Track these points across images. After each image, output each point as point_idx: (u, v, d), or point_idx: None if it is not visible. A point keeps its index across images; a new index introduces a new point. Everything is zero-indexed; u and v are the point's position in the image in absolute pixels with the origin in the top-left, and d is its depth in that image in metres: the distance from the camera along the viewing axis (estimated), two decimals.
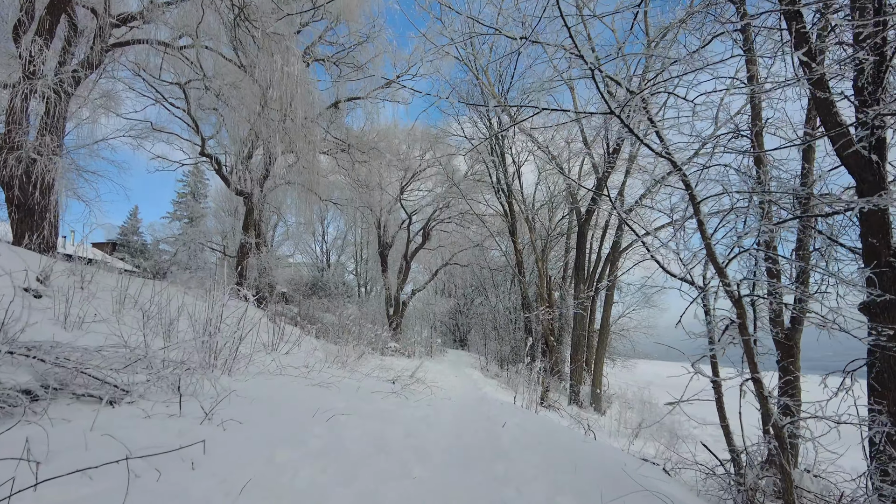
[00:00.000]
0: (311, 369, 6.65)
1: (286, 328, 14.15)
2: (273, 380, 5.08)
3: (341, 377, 6.18)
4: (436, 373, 11.95)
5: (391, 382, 7.28)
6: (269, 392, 4.28)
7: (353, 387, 5.42)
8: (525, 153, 19.15)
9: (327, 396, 4.61)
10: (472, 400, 7.47)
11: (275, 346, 9.78)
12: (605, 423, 10.38)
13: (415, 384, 7.60)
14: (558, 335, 17.29)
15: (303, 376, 5.62)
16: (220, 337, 5.76)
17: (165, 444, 2.32)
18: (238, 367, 5.41)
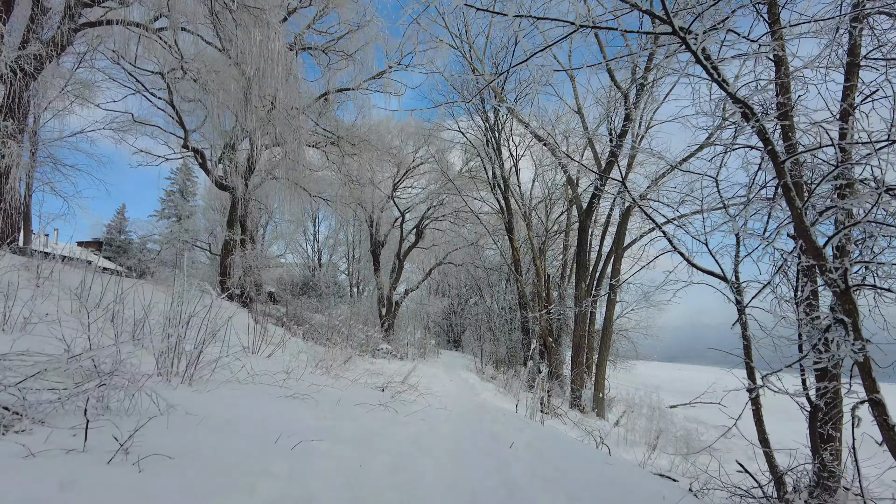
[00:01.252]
0: (290, 376, 5.94)
1: (271, 329, 13.43)
2: (240, 390, 4.35)
3: (323, 385, 5.46)
4: (430, 377, 11.24)
5: (380, 390, 6.57)
6: (230, 407, 3.56)
7: (334, 398, 4.70)
8: (523, 147, 18.49)
9: (301, 412, 3.90)
10: (471, 409, 6.78)
11: (255, 348, 9.07)
12: (612, 431, 9.72)
13: (407, 391, 6.90)
14: (557, 336, 16.62)
15: (278, 385, 4.90)
16: (187, 338, 5.06)
17: None
18: (202, 374, 4.68)
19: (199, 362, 4.71)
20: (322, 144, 17.05)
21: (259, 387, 4.74)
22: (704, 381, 25.34)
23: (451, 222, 26.17)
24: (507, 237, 19.60)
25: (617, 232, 13.52)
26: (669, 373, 33.85)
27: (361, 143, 15.89)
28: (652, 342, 23.06)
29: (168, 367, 4.48)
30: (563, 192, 19.55)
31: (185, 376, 4.49)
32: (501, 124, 17.66)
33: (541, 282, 16.58)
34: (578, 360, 12.77)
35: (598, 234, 16.73)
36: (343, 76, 16.77)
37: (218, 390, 4.24)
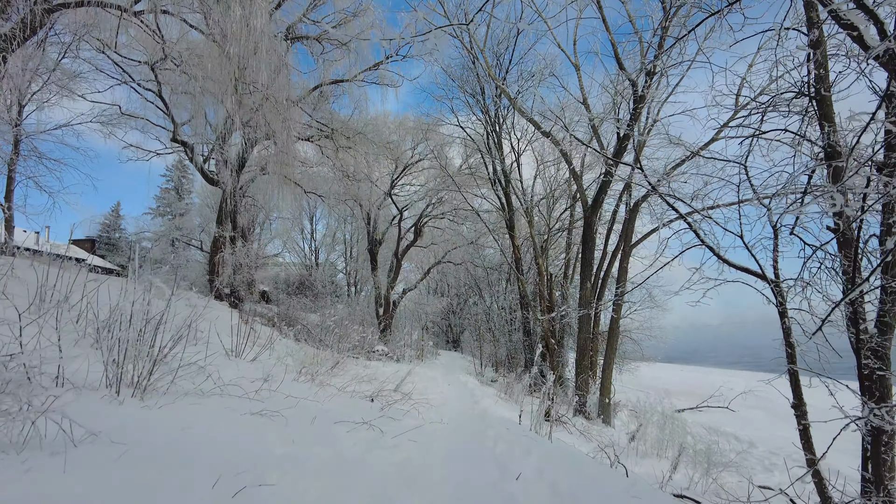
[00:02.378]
0: (268, 384, 5.31)
1: (260, 330, 12.80)
2: (200, 405, 3.72)
3: (302, 397, 4.82)
4: (426, 381, 10.60)
5: (369, 400, 5.93)
6: (176, 430, 2.93)
7: (311, 413, 4.06)
8: (524, 142, 17.85)
9: (266, 434, 3.26)
10: (471, 421, 6.15)
11: (239, 351, 8.44)
12: (622, 440, 9.08)
13: (399, 401, 6.26)
14: (560, 338, 15.98)
15: (248, 397, 4.26)
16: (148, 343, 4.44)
17: None
18: (159, 385, 4.04)
19: (157, 370, 4.08)
20: (316, 138, 16.41)
21: (226, 399, 4.11)
22: (709, 383, 24.81)
23: (450, 220, 25.59)
24: (507, 235, 18.97)
25: (624, 229, 12.88)
26: (672, 374, 33.25)
27: (357, 137, 15.24)
28: (655, 343, 22.51)
29: (118, 377, 3.85)
30: (565, 188, 18.92)
31: (137, 388, 3.86)
32: (503, 117, 17.04)
33: (543, 281, 15.93)
34: (583, 363, 12.13)
35: (603, 233, 16.09)
36: (339, 68, 16.14)
37: (173, 405, 3.61)
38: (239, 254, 15.33)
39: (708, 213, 4.46)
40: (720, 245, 4.44)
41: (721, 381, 29.94)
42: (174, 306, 7.81)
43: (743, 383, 23.37)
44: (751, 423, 14.89)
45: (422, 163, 24.59)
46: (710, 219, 4.46)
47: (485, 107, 17.00)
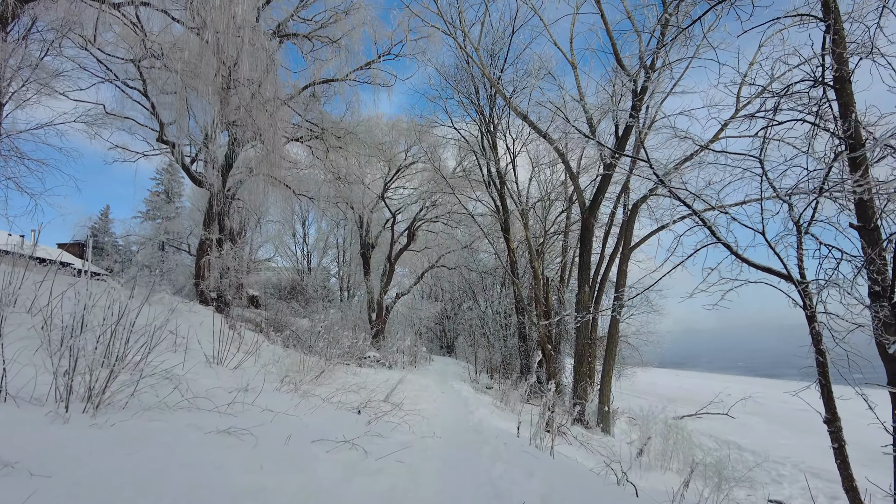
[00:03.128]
0: (244, 396, 4.87)
1: (246, 336, 12.33)
2: (161, 422, 3.28)
3: (281, 410, 4.38)
4: (419, 389, 10.16)
5: (356, 412, 5.49)
6: (120, 454, 2.50)
7: (287, 431, 3.62)
8: (519, 143, 17.48)
9: (230, 458, 2.84)
10: (465, 434, 5.72)
11: (221, 359, 7.99)
12: (623, 450, 8.67)
13: (389, 413, 5.83)
14: (556, 343, 15.58)
15: (218, 411, 3.83)
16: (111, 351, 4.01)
17: None
18: (118, 398, 3.60)
19: (116, 382, 3.64)
20: (306, 138, 15.99)
21: (193, 414, 3.67)
22: (706, 389, 24.44)
23: (444, 223, 25.22)
24: (502, 238, 18.58)
25: (623, 231, 12.51)
26: (668, 380, 32.93)
27: (347, 136, 14.83)
28: (652, 348, 22.20)
29: (67, 390, 3.41)
30: (561, 190, 18.58)
31: (90, 403, 3.42)
32: (498, 118, 16.68)
33: (539, 285, 15.54)
34: (582, 370, 11.72)
35: (600, 236, 15.72)
36: (330, 68, 15.75)
37: (128, 423, 3.17)
38: (226, 257, 14.83)
39: (726, 208, 4.08)
40: (738, 243, 4.06)
41: (718, 386, 29.61)
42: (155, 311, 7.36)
43: (741, 389, 23.08)
44: (752, 431, 14.54)
45: (415, 165, 24.23)
46: (727, 214, 4.08)
47: (479, 107, 16.65)
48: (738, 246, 4.05)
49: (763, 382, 30.88)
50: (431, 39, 15.98)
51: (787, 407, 20.74)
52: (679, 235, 4.49)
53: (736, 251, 4.04)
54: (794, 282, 3.76)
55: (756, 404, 18.52)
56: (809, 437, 14.03)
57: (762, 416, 17.74)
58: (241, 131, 13.58)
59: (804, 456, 11.29)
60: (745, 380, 33.31)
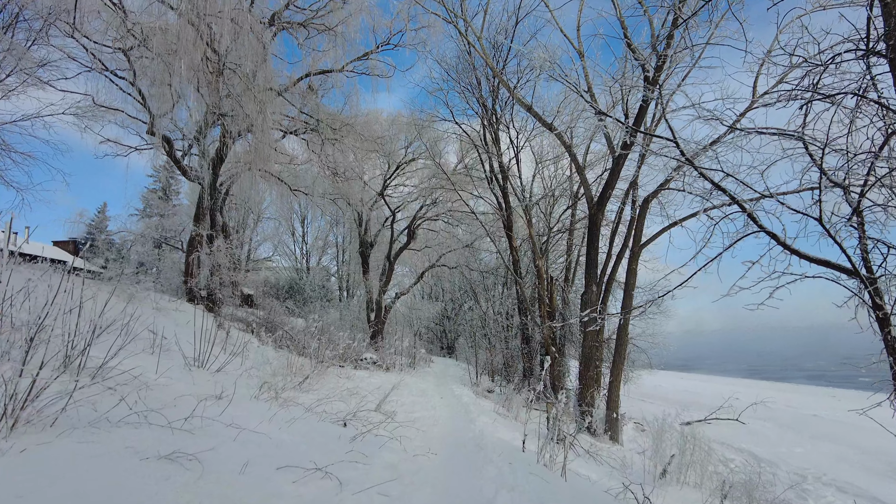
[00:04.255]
0: (215, 404, 4.27)
1: (236, 336, 11.73)
2: (89, 444, 2.67)
3: (249, 426, 3.77)
4: (416, 395, 9.54)
5: (341, 424, 4.86)
6: (8, 496, 1.88)
7: (247, 453, 3.01)
8: (523, 138, 16.85)
9: (161, 495, 2.23)
10: (465, 449, 5.10)
11: (203, 361, 7.41)
12: (635, 462, 8.05)
13: (380, 424, 5.21)
14: (561, 345, 14.94)
15: (172, 427, 3.21)
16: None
17: None
18: (48, 413, 2.99)
19: (44, 394, 3.03)
20: (302, 131, 15.39)
21: (137, 433, 3.06)
22: (712, 392, 23.75)
23: (444, 222, 24.65)
24: (504, 237, 17.97)
25: (630, 227, 11.85)
26: (673, 383, 32.27)
27: (344, 128, 14.20)
28: (659, 350, 21.59)
29: None
30: (566, 187, 17.94)
31: (8, 419, 2.81)
32: (501, 111, 16.05)
33: (543, 285, 14.90)
34: (589, 374, 11.06)
35: (606, 234, 15.08)
36: (328, 61, 15.15)
37: (48, 446, 2.56)
38: (217, 253, 14.22)
39: (774, 194, 3.47)
40: (785, 232, 3.44)
41: (724, 390, 28.95)
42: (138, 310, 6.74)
43: (748, 393, 22.46)
44: (764, 438, 13.90)
45: (415, 162, 23.66)
46: (774, 199, 3.45)
47: (481, 99, 16.01)
48: (785, 236, 3.43)
49: (771, 386, 30.25)
50: (432, 30, 15.39)
51: (796, 412, 20.12)
52: (715, 223, 3.87)
53: (784, 241, 3.43)
54: (862, 278, 3.14)
55: (765, 409, 17.88)
56: (824, 445, 13.40)
57: (772, 421, 17.10)
58: (231, 122, 12.99)
59: (823, 466, 10.67)
60: (752, 383, 32.63)
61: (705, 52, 7.31)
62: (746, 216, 3.70)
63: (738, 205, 3.69)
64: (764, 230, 3.53)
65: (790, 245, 3.41)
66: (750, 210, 3.61)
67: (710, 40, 6.43)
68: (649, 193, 11.62)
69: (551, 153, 19.02)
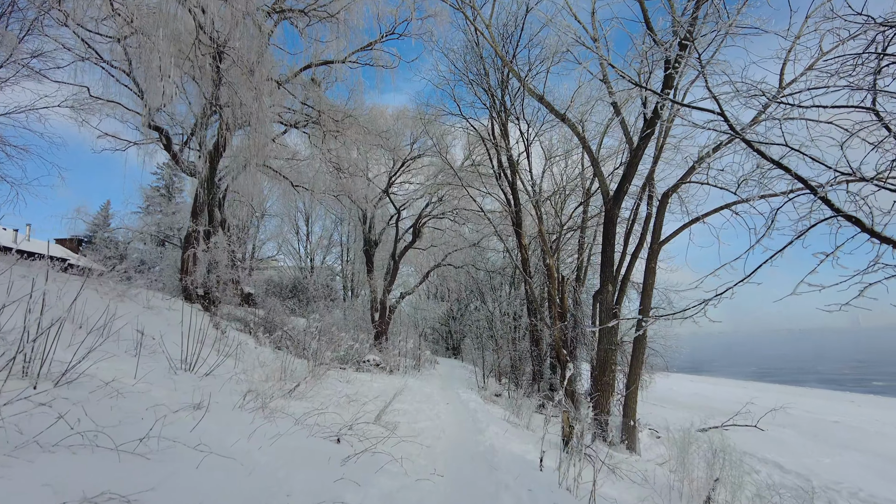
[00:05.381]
0: (189, 416, 3.70)
1: (234, 337, 11.19)
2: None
3: (219, 449, 3.16)
4: (420, 400, 8.93)
5: (334, 440, 4.25)
6: None
7: (201, 489, 2.41)
8: (532, 131, 16.20)
9: None
10: (475, 466, 4.49)
11: (191, 364, 6.84)
12: (657, 475, 7.40)
13: (379, 441, 4.60)
14: (572, 348, 14.28)
15: (118, 452, 2.61)
16: None
17: None
18: None
19: None
20: (303, 124, 14.81)
21: (74, 459, 2.46)
22: (726, 396, 22.92)
23: (451, 220, 24.04)
24: (512, 235, 17.32)
25: (653, 223, 11.16)
26: (683, 386, 31.42)
27: (347, 120, 13.60)
28: (672, 353, 20.87)
29: None
30: (578, 182, 17.27)
31: None
32: (511, 101, 15.37)
33: (554, 284, 14.24)
34: (604, 379, 10.40)
35: (620, 233, 14.39)
36: (330, 52, 14.56)
37: None
38: (214, 250, 13.66)
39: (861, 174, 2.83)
40: (872, 217, 2.82)
41: (737, 393, 28.15)
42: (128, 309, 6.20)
43: (766, 398, 21.70)
44: (786, 447, 13.17)
45: (421, 159, 23.07)
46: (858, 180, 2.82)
47: (490, 90, 15.35)
48: (872, 222, 2.80)
49: (786, 390, 29.39)
50: (438, 19, 14.79)
51: (817, 418, 19.32)
52: (775, 209, 3.24)
53: (871, 228, 2.80)
54: None
55: (784, 415, 17.11)
56: (851, 455, 12.67)
57: (793, 428, 16.35)
58: (229, 113, 12.44)
59: (855, 480, 9.96)
60: (765, 387, 31.75)
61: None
62: (817, 200, 3.06)
63: (809, 188, 3.05)
64: (842, 214, 2.90)
65: (881, 232, 2.78)
66: (824, 194, 2.97)
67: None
68: (669, 188, 10.93)
69: (561, 149, 18.40)
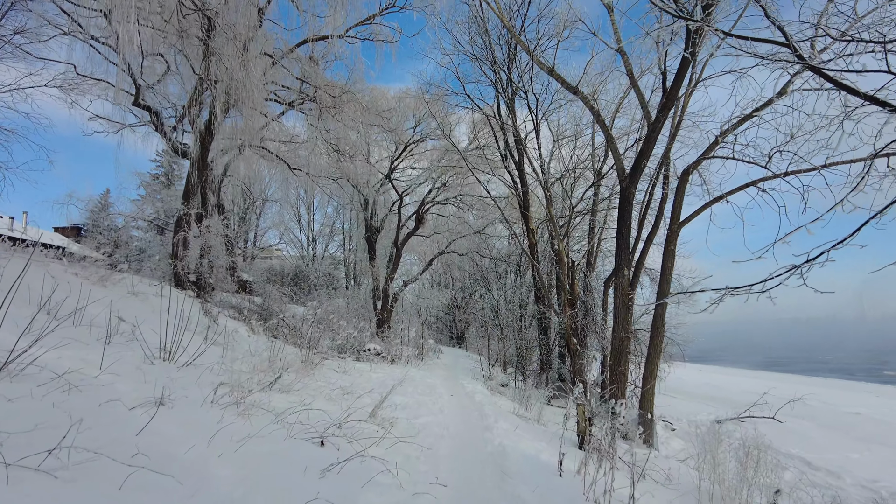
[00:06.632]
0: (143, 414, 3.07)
1: (226, 325, 10.58)
2: None
3: (176, 452, 2.52)
4: (423, 392, 8.29)
5: (317, 443, 3.60)
6: None
7: None
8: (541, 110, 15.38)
9: None
10: (483, 472, 3.85)
11: (171, 353, 6.21)
12: (681, 473, 6.76)
13: (374, 440, 3.95)
14: (582, 336, 13.59)
15: (20, 467, 1.95)
16: None
17: None
18: None
19: None
20: (299, 102, 14.07)
21: None
22: (739, 386, 22.16)
23: (455, 206, 23.34)
24: (519, 220, 16.60)
25: (673, 202, 10.40)
26: (693, 376, 30.73)
27: (344, 96, 12.85)
28: (684, 342, 20.20)
29: None
30: (588, 164, 16.46)
31: None
32: (519, 77, 14.52)
33: (564, 270, 13.53)
34: (619, 369, 9.70)
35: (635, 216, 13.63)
36: (328, 29, 13.79)
37: None
38: (207, 234, 13.03)
39: None
40: None
41: (749, 383, 27.45)
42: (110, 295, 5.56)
43: (781, 388, 20.94)
44: (809, 440, 12.50)
45: (424, 143, 22.33)
46: None
47: (495, 66, 14.53)
48: None
49: (799, 380, 28.71)
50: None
51: (836, 410, 18.62)
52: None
53: None
54: None
55: (802, 406, 16.42)
56: (880, 451, 11.98)
57: (812, 420, 15.67)
58: (221, 89, 11.74)
59: (890, 477, 9.29)
60: (778, 377, 31.07)
61: None
62: None
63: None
64: None
65: None
66: None
67: None
68: (689, 164, 10.18)
69: (570, 130, 17.59)
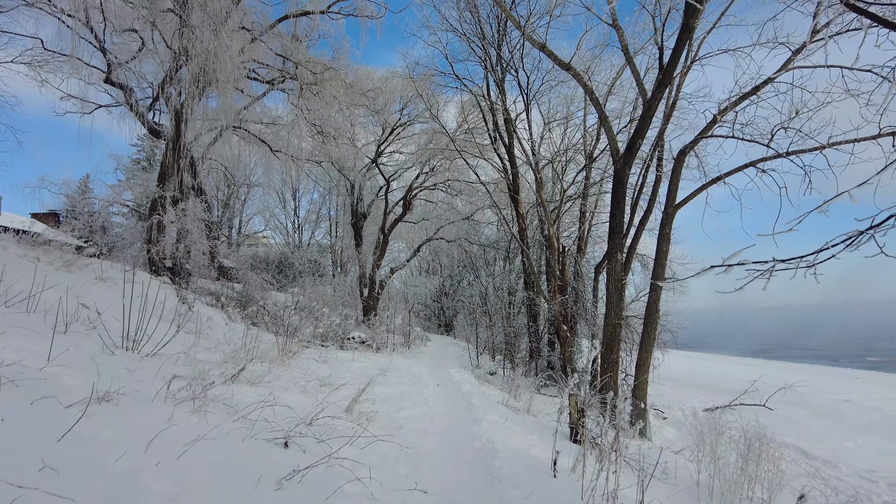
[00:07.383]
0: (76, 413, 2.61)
1: (202, 313, 10.10)
2: None
3: (102, 460, 2.08)
4: (408, 382, 7.88)
5: (281, 444, 3.16)
6: None
7: None
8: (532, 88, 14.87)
9: None
10: (470, 474, 3.45)
11: (136, 342, 5.76)
12: (678, 466, 6.44)
13: (349, 438, 3.54)
14: (572, 323, 13.26)
15: None
16: None
17: None
18: None
19: None
20: (280, 80, 13.44)
21: None
22: (726, 373, 22.06)
23: (443, 192, 22.81)
24: (509, 204, 16.15)
25: (668, 184, 9.99)
26: (680, 362, 30.74)
27: (326, 73, 12.26)
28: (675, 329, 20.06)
29: None
30: (579, 147, 16.03)
31: None
32: (510, 55, 13.96)
33: (555, 255, 13.15)
34: (611, 357, 9.33)
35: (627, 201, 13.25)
36: (311, 4, 13.14)
37: None
38: (184, 218, 12.43)
39: None
40: None
41: (737, 370, 27.51)
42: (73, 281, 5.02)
43: (769, 375, 20.93)
44: (803, 428, 12.33)
45: (412, 127, 21.71)
46: None
47: (484, 42, 13.96)
48: None
49: (786, 367, 28.84)
50: None
51: (826, 396, 18.59)
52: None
53: None
54: None
55: (792, 393, 16.32)
56: (875, 440, 11.82)
57: (804, 407, 15.56)
58: (196, 65, 11.10)
59: (889, 466, 9.10)
60: (765, 363, 31.20)
61: None
62: None
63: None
64: None
65: None
66: None
67: None
68: (685, 145, 9.78)
69: (561, 112, 17.13)
